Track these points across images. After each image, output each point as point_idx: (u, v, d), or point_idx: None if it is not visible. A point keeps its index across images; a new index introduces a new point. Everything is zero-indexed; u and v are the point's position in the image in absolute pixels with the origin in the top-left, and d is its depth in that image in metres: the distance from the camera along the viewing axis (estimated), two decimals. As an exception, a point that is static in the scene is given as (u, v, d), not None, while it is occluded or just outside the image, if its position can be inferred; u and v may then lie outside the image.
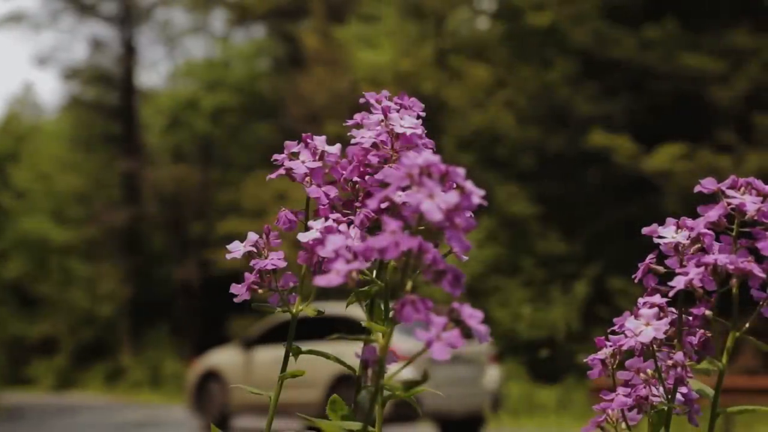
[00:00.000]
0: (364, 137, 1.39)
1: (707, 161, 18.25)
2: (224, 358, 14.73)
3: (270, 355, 13.56)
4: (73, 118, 34.99)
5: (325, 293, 1.30)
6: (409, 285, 1.04)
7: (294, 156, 1.46)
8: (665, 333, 1.31)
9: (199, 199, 30.61)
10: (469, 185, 1.04)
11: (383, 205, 1.11)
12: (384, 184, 1.40)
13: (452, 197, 1.01)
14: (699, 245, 1.31)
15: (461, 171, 1.04)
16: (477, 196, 1.04)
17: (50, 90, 67.65)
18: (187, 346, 27.90)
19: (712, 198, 1.27)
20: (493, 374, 13.14)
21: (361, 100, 1.47)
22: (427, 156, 1.04)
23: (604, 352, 1.46)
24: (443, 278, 1.04)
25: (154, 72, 51.78)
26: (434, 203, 1.00)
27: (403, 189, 1.10)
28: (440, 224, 1.01)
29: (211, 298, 28.59)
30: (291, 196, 24.37)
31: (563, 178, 20.56)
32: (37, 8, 64.51)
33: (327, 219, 1.36)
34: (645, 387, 1.38)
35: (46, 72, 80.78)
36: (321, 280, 1.03)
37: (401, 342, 12.83)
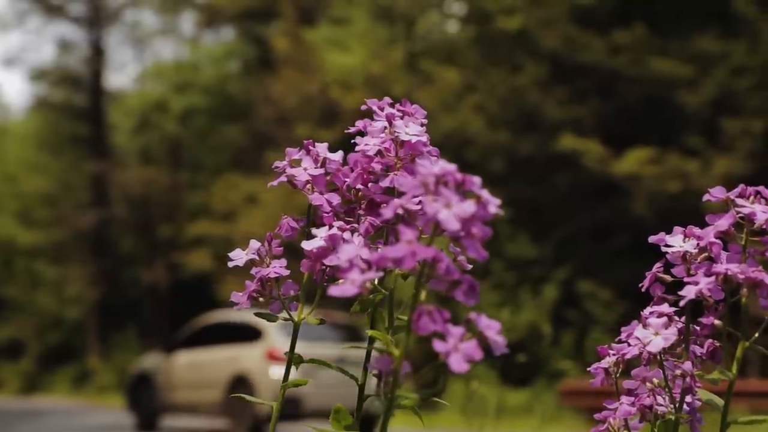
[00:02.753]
0: (369, 144, 1.38)
1: (675, 165, 18.38)
2: (153, 361, 15.52)
3: (188, 358, 14.36)
4: (41, 119, 34.74)
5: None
6: (423, 295, 1.03)
7: (295, 163, 1.44)
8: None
9: (167, 202, 30.45)
10: (485, 194, 1.03)
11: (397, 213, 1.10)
12: (390, 191, 1.39)
13: (469, 206, 1.00)
14: (706, 254, 1.30)
15: (477, 180, 1.03)
16: (493, 205, 1.03)
17: (17, 91, 67.06)
18: (156, 349, 27.75)
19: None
20: None
21: (363, 107, 1.46)
22: (444, 164, 1.03)
23: (608, 361, 1.45)
24: (458, 288, 1.04)
25: (122, 73, 51.46)
26: (451, 212, 1.00)
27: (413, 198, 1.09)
28: (457, 233, 1.01)
29: (179, 300, 28.47)
30: (261, 199, 24.32)
31: (533, 182, 20.63)
32: (3, 8, 63.96)
33: (331, 227, 1.35)
34: (649, 396, 1.38)
35: (13, 73, 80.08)
36: (335, 290, 1.02)
37: (284, 344, 13.06)
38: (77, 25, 33.38)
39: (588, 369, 1.44)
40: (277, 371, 12.48)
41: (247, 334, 13.25)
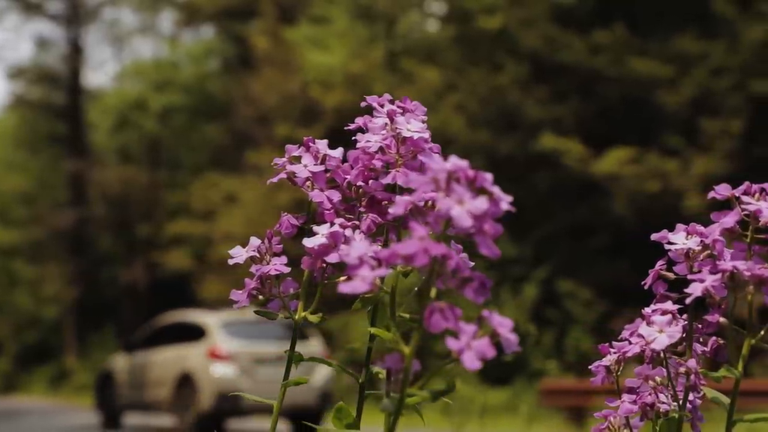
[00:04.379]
0: (370, 141, 1.36)
1: (655, 165, 18.46)
2: (117, 361, 16.07)
3: (144, 358, 14.90)
4: (18, 117, 34.55)
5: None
6: (433, 292, 1.02)
7: (295, 160, 1.42)
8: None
9: (146, 201, 30.34)
10: (497, 191, 1.02)
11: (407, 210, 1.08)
12: (390, 188, 1.37)
13: (482, 203, 0.99)
14: (709, 252, 1.30)
15: (489, 176, 1.02)
16: (505, 202, 1.02)
17: (-6, 89, 66.64)
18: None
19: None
20: (322, 372, 13.83)
21: (363, 104, 1.44)
22: (455, 160, 1.02)
23: (609, 359, 1.44)
24: (468, 285, 1.02)
25: (101, 72, 51.23)
26: (464, 209, 0.98)
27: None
28: (469, 230, 0.99)
29: (158, 300, 28.33)
30: (241, 198, 24.25)
31: (513, 181, 20.64)
32: (-20, 6, 63.49)
33: (333, 224, 1.33)
34: (651, 394, 1.37)
35: (-11, 71, 79.56)
36: (346, 288, 1.00)
37: (225, 343, 13.69)
38: (55, 23, 33.23)
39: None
40: (219, 369, 12.97)
41: (195, 333, 13.78)
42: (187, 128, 30.94)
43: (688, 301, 1.24)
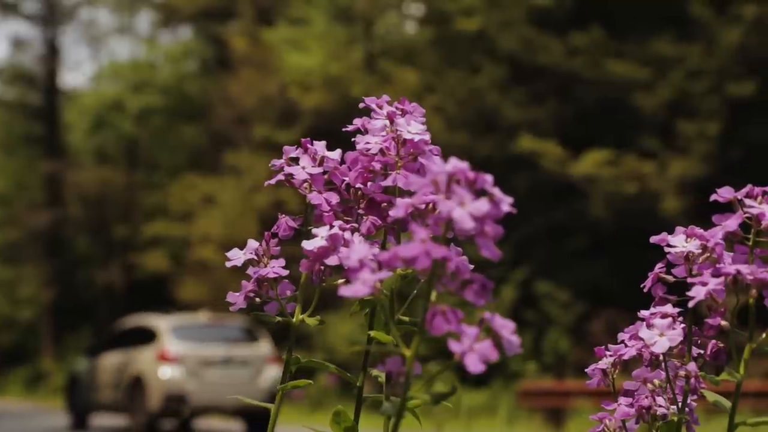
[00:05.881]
0: (370, 143, 1.37)
1: (632, 167, 18.54)
2: (82, 364, 16.71)
3: (105, 361, 15.43)
4: (-6, 118, 34.28)
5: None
6: (434, 295, 1.03)
7: (293, 161, 1.43)
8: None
9: (123, 202, 30.20)
10: (498, 192, 1.03)
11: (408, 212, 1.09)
12: (389, 190, 1.38)
13: (483, 205, 1.00)
14: (708, 255, 1.31)
15: (489, 178, 1.03)
16: (506, 203, 1.03)
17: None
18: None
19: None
20: (270, 374, 14.24)
21: (361, 105, 1.45)
22: (456, 162, 1.03)
23: (605, 362, 1.45)
24: (468, 287, 1.03)
25: (78, 72, 50.98)
26: (465, 211, 0.99)
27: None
28: (470, 232, 1.00)
29: (135, 301, 28.18)
30: (218, 199, 24.18)
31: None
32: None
33: (332, 226, 1.33)
34: (647, 397, 1.38)
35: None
36: (347, 291, 1.01)
37: (174, 346, 13.94)
38: (31, 23, 33.06)
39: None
40: (167, 371, 13.54)
41: (147, 337, 14.36)
42: (164, 129, 30.82)
43: (690, 304, 1.25)
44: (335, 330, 19.00)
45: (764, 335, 1.26)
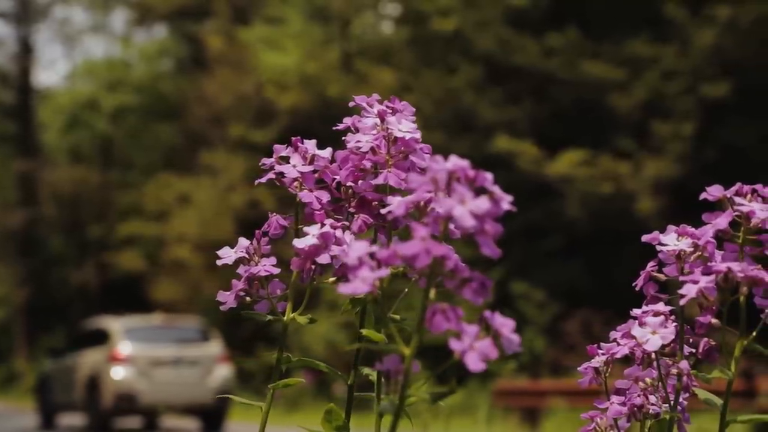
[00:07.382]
0: (361, 141, 1.36)
1: (607, 167, 18.62)
2: (48, 365, 17.31)
3: (68, 362, 15.88)
4: (-34, 117, 34.03)
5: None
6: (432, 293, 1.02)
7: (283, 160, 1.42)
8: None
9: (98, 201, 30.04)
10: (498, 190, 1.02)
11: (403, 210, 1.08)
12: (380, 188, 1.38)
13: (484, 203, 0.99)
14: (699, 253, 1.31)
15: (489, 176, 1.03)
16: (506, 201, 1.02)
17: (-60, 87, 65.62)
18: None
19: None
20: (220, 374, 14.77)
21: (351, 104, 1.44)
22: (456, 160, 1.02)
23: (597, 360, 1.45)
24: (467, 286, 1.03)
25: (52, 71, 50.66)
26: (466, 209, 0.99)
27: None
28: (470, 230, 1.00)
29: (110, 301, 28.03)
30: (194, 199, 24.11)
31: (467, 183, 20.72)
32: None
33: (323, 225, 1.32)
34: (640, 396, 1.37)
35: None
36: (346, 289, 1.00)
37: (125, 347, 14.03)
38: (5, 21, 32.88)
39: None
40: (118, 371, 14.09)
41: (102, 338, 14.92)
42: (139, 128, 30.69)
43: (682, 302, 1.25)
44: (311, 329, 18.98)
45: (755, 332, 1.26)
